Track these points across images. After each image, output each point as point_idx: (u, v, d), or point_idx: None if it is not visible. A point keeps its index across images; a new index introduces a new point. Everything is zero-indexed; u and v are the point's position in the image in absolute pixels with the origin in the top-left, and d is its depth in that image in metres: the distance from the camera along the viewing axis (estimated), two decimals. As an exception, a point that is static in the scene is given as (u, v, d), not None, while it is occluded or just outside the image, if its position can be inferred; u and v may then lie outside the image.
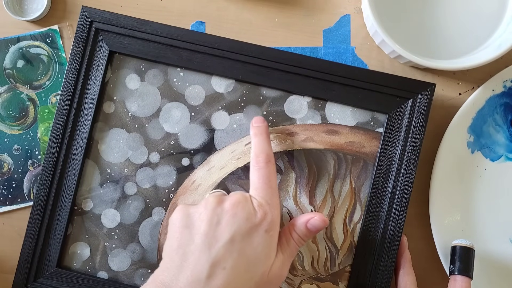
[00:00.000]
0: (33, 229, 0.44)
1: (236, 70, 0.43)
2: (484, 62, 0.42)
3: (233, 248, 0.34)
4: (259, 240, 0.34)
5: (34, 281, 0.43)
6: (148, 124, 0.45)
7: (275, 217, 0.36)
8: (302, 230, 0.37)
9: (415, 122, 0.42)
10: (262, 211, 0.35)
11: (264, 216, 0.35)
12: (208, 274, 0.33)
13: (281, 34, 0.47)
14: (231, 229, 0.34)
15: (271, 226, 0.35)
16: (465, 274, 0.40)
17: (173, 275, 0.33)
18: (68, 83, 0.44)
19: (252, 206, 0.35)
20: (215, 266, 0.33)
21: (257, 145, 0.39)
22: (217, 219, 0.34)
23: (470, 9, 0.46)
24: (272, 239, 0.35)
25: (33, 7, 0.48)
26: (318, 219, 0.37)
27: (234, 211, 0.35)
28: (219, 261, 0.33)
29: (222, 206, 0.35)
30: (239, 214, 0.34)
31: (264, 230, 0.35)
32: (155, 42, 0.43)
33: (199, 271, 0.33)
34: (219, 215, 0.35)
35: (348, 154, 0.44)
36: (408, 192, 0.42)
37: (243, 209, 0.35)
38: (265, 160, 0.37)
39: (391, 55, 0.46)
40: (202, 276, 0.33)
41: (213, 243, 0.34)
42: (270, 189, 0.37)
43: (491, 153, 0.45)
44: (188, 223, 0.35)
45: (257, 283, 0.34)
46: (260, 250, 0.34)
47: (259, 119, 0.41)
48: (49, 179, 0.43)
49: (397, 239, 0.42)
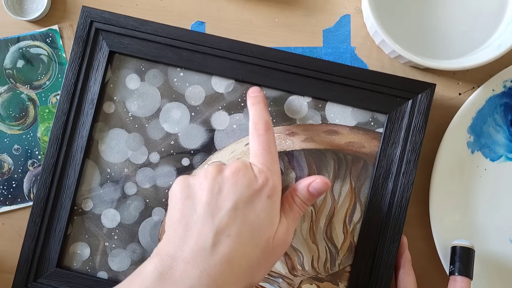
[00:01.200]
0: (33, 229, 0.44)
1: (236, 70, 0.43)
2: (484, 62, 0.42)
3: (236, 215, 0.33)
4: (262, 206, 0.34)
5: (34, 281, 0.44)
6: (148, 124, 0.45)
7: (276, 183, 0.35)
8: (304, 194, 0.37)
9: (415, 122, 0.42)
10: (264, 177, 0.35)
11: (265, 182, 0.35)
12: (213, 243, 0.32)
13: (281, 34, 0.47)
14: (233, 197, 0.34)
15: (273, 191, 0.35)
16: (465, 275, 0.40)
17: (177, 246, 0.33)
18: (68, 83, 0.44)
19: (253, 172, 0.35)
20: (219, 234, 0.33)
21: (256, 114, 0.38)
22: (218, 187, 0.34)
23: (470, 9, 0.46)
24: (274, 204, 0.35)
25: (33, 7, 0.48)
26: (320, 181, 0.37)
27: (235, 178, 0.34)
28: (223, 229, 0.33)
29: (222, 174, 0.35)
30: (240, 181, 0.34)
31: (266, 196, 0.34)
32: (155, 42, 0.43)
33: (204, 240, 0.32)
34: (220, 183, 0.34)
35: (348, 154, 0.44)
36: (408, 192, 0.42)
37: (244, 176, 0.34)
38: (265, 127, 0.37)
39: (391, 55, 0.46)
40: (207, 245, 0.32)
41: (216, 212, 0.33)
42: (270, 155, 0.36)
43: (491, 153, 0.45)
44: (189, 194, 0.35)
45: (262, 249, 0.34)
46: (264, 216, 0.34)
47: (256, 89, 0.41)
48: (49, 179, 0.43)
49: (397, 239, 0.42)
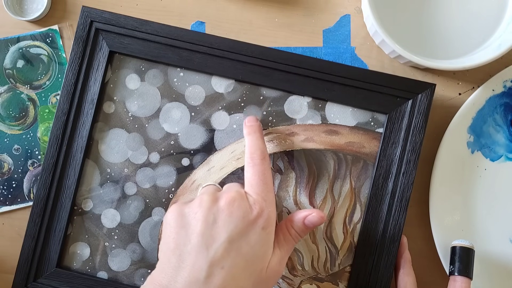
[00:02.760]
0: (33, 229, 0.44)
1: (236, 70, 0.43)
2: (484, 62, 0.42)
3: (231, 248, 0.33)
4: (256, 238, 0.34)
5: (34, 281, 0.44)
6: (148, 124, 0.45)
7: (271, 214, 0.35)
8: (299, 226, 0.37)
9: (415, 123, 0.42)
10: (258, 208, 0.35)
11: (260, 213, 0.35)
12: (207, 274, 0.32)
13: (281, 34, 0.47)
14: (228, 228, 0.34)
15: (268, 223, 0.35)
16: (465, 275, 0.40)
17: (170, 276, 0.33)
18: (68, 83, 0.44)
19: (248, 203, 0.35)
20: (213, 266, 0.33)
21: (252, 143, 0.39)
22: (213, 218, 0.34)
23: (470, 9, 0.46)
24: (269, 236, 0.35)
25: (33, 7, 0.48)
26: (316, 215, 0.37)
27: (230, 209, 0.34)
28: (218, 260, 0.33)
29: (217, 205, 0.35)
30: (236, 213, 0.34)
31: (261, 227, 0.34)
32: (155, 42, 0.43)
33: (198, 271, 0.32)
34: (215, 213, 0.34)
35: (348, 154, 0.44)
36: (408, 192, 0.42)
37: (239, 207, 0.34)
38: (260, 157, 0.37)
39: (391, 55, 0.46)
40: (201, 277, 0.32)
41: (210, 243, 0.33)
42: (265, 185, 0.36)
43: (491, 153, 0.45)
44: (184, 223, 0.35)
45: (255, 280, 0.34)
46: (258, 248, 0.34)
47: (252, 118, 0.41)
48: (49, 179, 0.44)
49: (397, 239, 0.42)
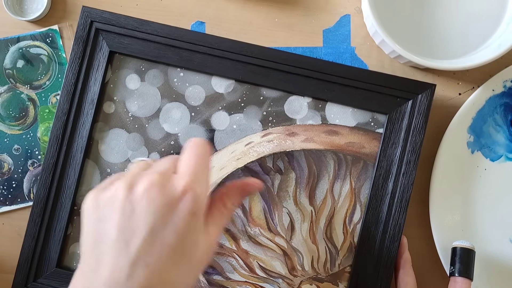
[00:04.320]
0: (33, 229, 0.44)
1: (236, 71, 0.43)
2: (484, 62, 0.42)
3: (154, 239, 0.28)
4: (183, 224, 0.29)
5: (34, 281, 0.43)
6: (148, 124, 0.45)
7: (200, 194, 0.30)
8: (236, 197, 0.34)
9: (415, 123, 0.42)
10: (184, 189, 0.29)
11: (186, 195, 0.29)
12: (128, 275, 0.27)
13: (281, 34, 0.47)
14: (149, 218, 0.28)
15: (195, 205, 0.29)
16: (465, 276, 0.40)
17: (89, 280, 0.28)
18: (68, 83, 0.44)
19: (173, 185, 0.29)
20: (136, 264, 0.28)
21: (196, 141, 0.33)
22: (130, 207, 0.28)
23: (470, 9, 0.46)
24: (197, 219, 0.30)
25: (33, 7, 0.48)
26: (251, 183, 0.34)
27: (149, 195, 0.28)
28: (140, 257, 0.28)
29: (135, 191, 0.29)
30: (157, 199, 0.28)
31: (187, 212, 0.29)
32: (155, 42, 0.43)
33: (118, 272, 0.28)
34: (132, 202, 0.29)
35: (348, 154, 0.44)
36: (408, 192, 0.42)
37: (160, 192, 0.29)
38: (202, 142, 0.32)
39: (391, 55, 0.46)
40: (122, 278, 0.27)
41: (130, 237, 0.28)
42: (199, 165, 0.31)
43: (491, 153, 0.45)
44: (100, 215, 0.29)
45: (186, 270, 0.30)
46: (186, 235, 0.29)
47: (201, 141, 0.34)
48: (49, 179, 0.43)
49: (397, 239, 0.42)
